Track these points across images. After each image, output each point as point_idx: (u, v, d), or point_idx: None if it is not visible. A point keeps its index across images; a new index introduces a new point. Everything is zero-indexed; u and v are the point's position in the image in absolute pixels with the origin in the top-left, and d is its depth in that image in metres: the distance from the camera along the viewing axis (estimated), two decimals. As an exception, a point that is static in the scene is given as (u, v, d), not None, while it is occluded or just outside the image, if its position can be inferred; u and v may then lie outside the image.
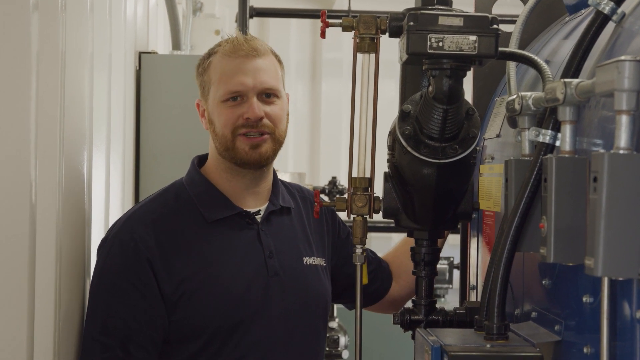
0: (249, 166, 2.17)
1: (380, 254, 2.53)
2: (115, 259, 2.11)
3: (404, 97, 1.96)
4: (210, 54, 2.23)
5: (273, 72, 2.19)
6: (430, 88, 1.74)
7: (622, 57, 1.26)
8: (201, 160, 2.28)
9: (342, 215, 2.14)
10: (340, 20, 1.92)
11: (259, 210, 2.22)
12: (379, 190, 1.99)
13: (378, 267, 2.43)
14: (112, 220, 2.38)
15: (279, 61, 2.24)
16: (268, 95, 2.16)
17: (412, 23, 1.65)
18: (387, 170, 2.00)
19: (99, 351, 2.07)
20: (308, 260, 2.25)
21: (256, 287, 2.14)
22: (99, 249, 2.18)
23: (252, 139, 2.14)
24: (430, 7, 1.81)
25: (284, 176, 5.37)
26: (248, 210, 2.20)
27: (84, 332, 2.10)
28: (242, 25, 4.96)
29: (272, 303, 2.14)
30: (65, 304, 1.99)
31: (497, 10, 2.41)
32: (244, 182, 2.20)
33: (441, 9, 1.79)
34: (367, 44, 1.91)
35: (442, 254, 2.19)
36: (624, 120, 1.28)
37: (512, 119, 1.71)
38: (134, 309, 2.08)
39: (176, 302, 2.09)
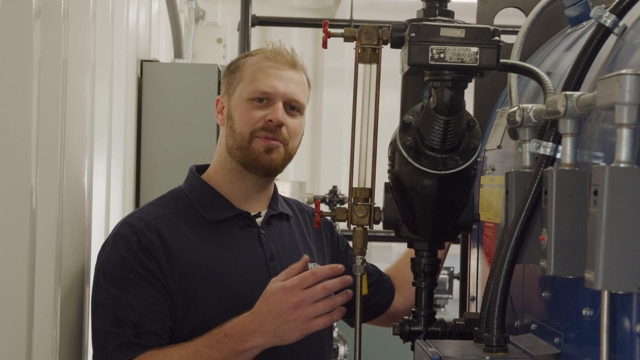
0: (256, 169, 2.18)
1: (379, 264, 2.52)
2: (119, 252, 2.08)
3: (405, 107, 1.96)
4: (248, 55, 2.27)
5: (303, 89, 2.24)
6: (432, 99, 1.74)
7: (624, 71, 1.26)
8: (199, 169, 2.29)
9: (342, 225, 2.14)
10: (342, 31, 1.92)
11: (260, 214, 2.22)
12: (379, 200, 1.99)
13: (379, 280, 2.42)
14: (112, 227, 2.38)
15: (309, 83, 2.29)
16: (293, 107, 2.20)
17: (413, 34, 1.65)
18: (387, 180, 2.00)
19: (111, 339, 2.02)
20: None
21: (258, 289, 2.13)
22: (100, 251, 2.15)
23: (268, 141, 2.16)
24: (432, 19, 1.81)
25: (284, 185, 5.38)
26: (249, 212, 2.20)
27: (94, 330, 2.06)
28: (244, 34, 4.96)
29: None
30: (64, 311, 1.98)
31: (499, 21, 2.42)
32: (246, 186, 2.21)
33: (443, 20, 1.79)
34: (368, 55, 1.91)
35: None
36: (625, 133, 1.28)
37: (513, 131, 1.71)
38: (144, 296, 2.04)
39: (178, 300, 2.07)
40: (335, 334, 5.03)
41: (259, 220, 2.22)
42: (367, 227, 1.98)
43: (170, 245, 2.10)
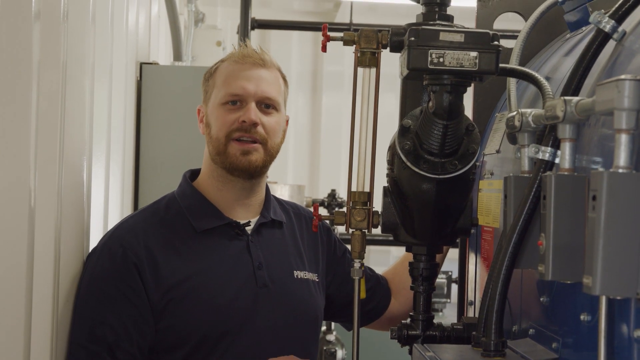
0: (238, 172, 2.17)
1: (378, 267, 2.52)
2: (104, 266, 2.12)
3: (404, 111, 1.96)
4: (220, 61, 2.28)
5: (276, 85, 2.22)
6: (431, 103, 1.74)
7: (622, 76, 1.26)
8: (193, 174, 2.29)
9: (341, 229, 2.14)
10: (342, 34, 1.92)
11: (249, 222, 2.22)
12: (378, 204, 1.99)
13: (376, 285, 2.42)
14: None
15: (284, 79, 2.27)
16: (267, 106, 2.19)
17: (413, 38, 1.65)
18: (386, 184, 2.00)
19: (84, 357, 2.06)
20: (299, 274, 2.25)
21: (244, 297, 2.14)
22: (87, 259, 2.19)
23: (243, 144, 2.15)
24: (431, 23, 1.81)
25: (283, 188, 5.38)
26: (238, 221, 2.20)
27: (69, 339, 2.08)
28: (244, 37, 4.97)
29: (260, 314, 2.14)
30: (62, 312, 1.99)
31: (498, 25, 2.42)
32: (234, 191, 2.21)
33: (442, 25, 1.80)
34: (368, 59, 1.91)
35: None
36: (624, 139, 1.28)
37: (512, 136, 1.72)
38: (122, 316, 2.08)
39: (163, 310, 2.09)
40: (333, 338, 5.04)
41: (249, 228, 2.22)
42: (366, 230, 1.98)
43: (157, 256, 2.12)
